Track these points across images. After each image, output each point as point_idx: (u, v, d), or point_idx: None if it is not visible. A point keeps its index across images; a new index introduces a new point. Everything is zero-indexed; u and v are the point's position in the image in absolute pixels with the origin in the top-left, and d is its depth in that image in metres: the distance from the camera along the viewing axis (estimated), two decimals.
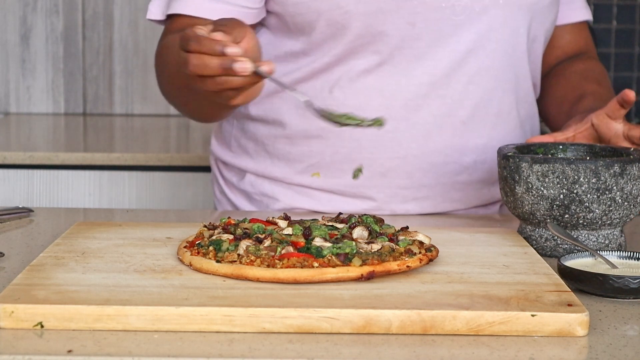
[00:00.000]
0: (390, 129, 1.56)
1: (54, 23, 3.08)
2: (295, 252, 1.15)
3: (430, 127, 1.57)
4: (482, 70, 1.57)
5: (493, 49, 1.57)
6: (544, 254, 1.37)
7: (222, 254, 1.16)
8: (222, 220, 1.29)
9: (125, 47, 3.12)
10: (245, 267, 1.13)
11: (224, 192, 1.74)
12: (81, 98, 3.13)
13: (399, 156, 1.58)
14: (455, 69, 1.56)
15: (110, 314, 1.02)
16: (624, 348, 1.01)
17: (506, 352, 0.99)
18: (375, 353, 0.98)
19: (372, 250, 1.16)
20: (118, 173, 2.48)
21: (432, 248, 1.22)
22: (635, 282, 1.14)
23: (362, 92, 1.56)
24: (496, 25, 1.56)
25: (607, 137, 1.48)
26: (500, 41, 1.58)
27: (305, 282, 1.11)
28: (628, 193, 1.33)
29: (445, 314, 1.03)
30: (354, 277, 1.13)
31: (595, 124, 1.49)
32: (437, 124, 1.57)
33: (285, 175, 1.64)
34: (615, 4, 3.21)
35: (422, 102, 1.56)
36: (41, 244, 1.38)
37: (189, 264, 1.17)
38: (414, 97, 1.56)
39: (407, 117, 1.56)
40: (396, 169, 1.58)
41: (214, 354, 0.97)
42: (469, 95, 1.58)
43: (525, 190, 1.35)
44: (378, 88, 1.56)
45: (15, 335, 1.00)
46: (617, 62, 3.24)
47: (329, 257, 1.14)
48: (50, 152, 2.45)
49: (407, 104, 1.56)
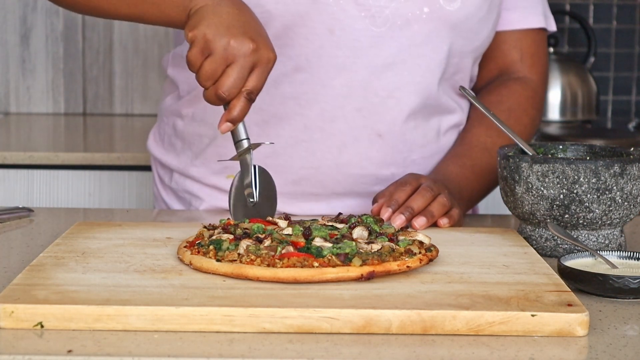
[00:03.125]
0: (306, 138, 1.55)
1: (54, 23, 3.08)
2: (295, 252, 1.15)
3: (346, 139, 1.55)
4: (402, 85, 1.54)
5: (414, 64, 1.54)
6: (544, 254, 1.37)
7: (222, 253, 1.17)
8: (222, 221, 1.29)
9: (125, 47, 3.12)
10: (245, 266, 1.13)
11: (159, 191, 1.75)
12: (81, 98, 3.13)
13: (313, 166, 1.56)
14: (373, 82, 1.53)
15: (110, 314, 1.02)
16: (624, 348, 1.01)
17: (506, 352, 0.99)
18: (375, 353, 0.98)
19: (372, 251, 1.16)
20: (118, 173, 2.48)
21: (432, 248, 1.22)
22: (635, 282, 1.14)
23: (278, 98, 1.54)
24: (418, 41, 1.53)
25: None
26: (422, 57, 1.54)
27: (305, 282, 1.11)
28: (628, 193, 1.33)
29: (445, 314, 1.03)
30: (354, 277, 1.13)
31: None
32: (353, 135, 1.55)
33: (203, 175, 1.64)
34: (615, 4, 3.21)
35: (338, 113, 1.54)
36: (41, 244, 1.38)
37: (189, 263, 1.17)
38: (330, 108, 1.54)
39: (322, 128, 1.54)
40: (309, 178, 1.57)
41: (214, 354, 0.97)
42: (387, 109, 1.55)
43: (525, 190, 1.35)
44: (294, 95, 1.54)
45: (15, 335, 1.00)
46: (617, 62, 3.24)
47: (329, 257, 1.14)
48: (50, 152, 2.45)
49: (323, 114, 1.54)
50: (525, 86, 1.67)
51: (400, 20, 1.52)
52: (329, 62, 1.52)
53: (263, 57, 1.31)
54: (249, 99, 1.31)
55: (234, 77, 1.29)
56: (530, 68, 1.68)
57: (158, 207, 1.75)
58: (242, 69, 1.29)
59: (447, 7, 1.53)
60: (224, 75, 1.30)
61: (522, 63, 1.68)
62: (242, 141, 1.35)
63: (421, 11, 1.52)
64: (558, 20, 3.15)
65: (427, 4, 1.52)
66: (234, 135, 1.35)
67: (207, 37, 1.29)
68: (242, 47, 1.29)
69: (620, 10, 3.22)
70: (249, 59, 1.30)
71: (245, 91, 1.30)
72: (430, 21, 1.52)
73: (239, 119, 1.32)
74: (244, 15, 1.34)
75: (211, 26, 1.30)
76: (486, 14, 1.58)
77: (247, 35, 1.30)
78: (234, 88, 1.30)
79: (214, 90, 1.30)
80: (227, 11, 1.32)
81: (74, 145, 2.70)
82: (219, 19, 1.31)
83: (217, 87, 1.30)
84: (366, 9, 1.51)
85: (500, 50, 1.67)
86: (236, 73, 1.29)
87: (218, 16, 1.31)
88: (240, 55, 1.29)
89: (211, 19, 1.31)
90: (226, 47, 1.29)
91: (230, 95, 1.30)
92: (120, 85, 3.14)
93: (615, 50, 3.24)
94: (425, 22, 1.52)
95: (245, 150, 1.35)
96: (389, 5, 1.51)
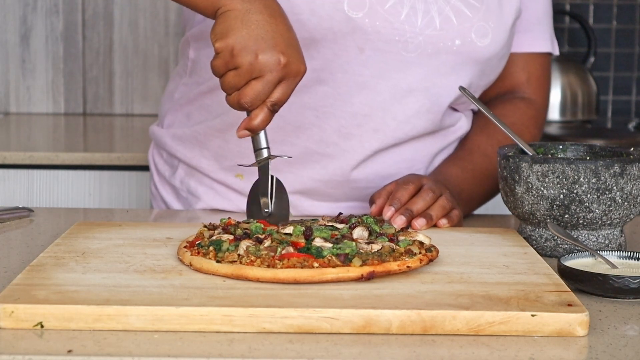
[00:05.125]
0: (320, 150, 1.55)
1: (54, 23, 3.08)
2: (295, 253, 1.15)
3: (359, 158, 1.55)
4: (420, 112, 1.55)
5: (435, 92, 1.55)
6: (544, 254, 1.37)
7: (222, 254, 1.16)
8: (222, 220, 1.29)
9: (125, 47, 3.12)
10: (245, 267, 1.13)
11: (157, 188, 1.73)
12: (81, 98, 3.13)
13: (323, 179, 1.57)
14: (394, 105, 1.54)
15: (110, 314, 1.02)
16: (624, 348, 1.01)
17: (506, 352, 0.99)
18: (375, 353, 0.98)
19: (372, 251, 1.16)
20: (118, 173, 2.48)
21: (432, 248, 1.22)
22: (635, 282, 1.14)
23: (296, 107, 1.53)
24: (443, 71, 1.54)
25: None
26: (443, 87, 1.55)
27: (305, 282, 1.11)
28: (628, 193, 1.33)
29: (445, 314, 1.03)
30: (354, 278, 1.13)
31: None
32: (367, 155, 1.56)
33: (211, 169, 1.62)
34: (615, 4, 3.21)
35: (355, 131, 1.54)
36: (41, 244, 1.38)
37: (189, 264, 1.17)
38: (347, 125, 1.54)
39: (337, 143, 1.54)
40: (317, 189, 1.58)
41: (214, 354, 0.97)
42: (402, 133, 1.56)
43: (525, 190, 1.35)
44: (313, 107, 1.53)
45: (15, 335, 1.00)
46: (617, 62, 3.24)
47: (329, 258, 1.14)
48: (50, 152, 2.45)
49: (340, 130, 1.54)
50: (529, 105, 1.69)
51: (431, 49, 1.52)
52: (353, 79, 1.52)
53: (292, 70, 1.26)
54: (273, 110, 1.27)
55: (258, 90, 1.25)
56: (535, 90, 1.71)
57: (156, 206, 1.75)
58: (268, 83, 1.25)
59: (478, 42, 1.55)
60: (248, 86, 1.25)
61: (529, 85, 1.70)
62: (262, 150, 1.32)
63: (453, 42, 1.53)
64: (558, 20, 3.15)
65: (459, 36, 1.53)
66: (254, 142, 1.32)
67: (234, 52, 1.24)
68: (269, 61, 1.24)
69: (620, 10, 3.21)
70: (277, 74, 1.25)
71: (269, 102, 1.27)
72: (459, 54, 1.54)
73: (258, 129, 1.29)
74: (276, 23, 1.27)
75: (238, 38, 1.24)
76: (506, 51, 1.61)
77: (277, 48, 1.25)
78: (257, 100, 1.26)
79: (237, 99, 1.27)
80: (257, 20, 1.26)
81: (74, 145, 2.70)
82: (247, 30, 1.25)
83: (240, 96, 1.26)
84: (401, 33, 1.51)
85: (508, 71, 1.69)
86: (261, 86, 1.25)
87: (247, 27, 1.25)
88: (267, 70, 1.24)
89: (239, 30, 1.25)
90: (253, 62, 1.24)
91: (252, 106, 1.26)
92: (120, 85, 3.14)
93: (615, 50, 3.24)
94: (454, 54, 1.54)
95: (264, 160, 1.33)
96: (424, 32, 1.52)
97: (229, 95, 1.28)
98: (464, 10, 1.54)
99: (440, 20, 1.53)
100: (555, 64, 2.97)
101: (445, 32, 1.53)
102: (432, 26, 1.52)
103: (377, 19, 1.49)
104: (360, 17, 1.49)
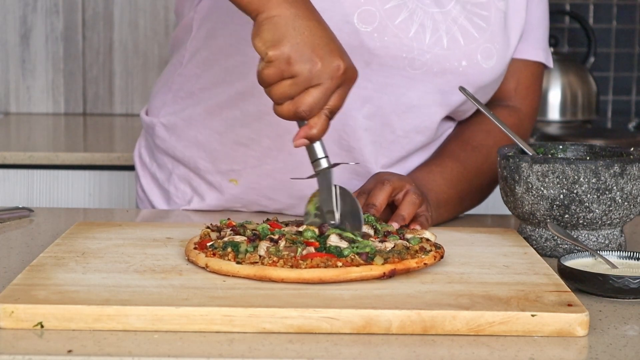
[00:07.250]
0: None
1: (54, 23, 3.08)
2: (317, 253, 1.15)
3: (360, 170, 1.55)
4: (420, 128, 1.55)
5: (434, 110, 1.55)
6: (544, 254, 1.37)
7: (242, 255, 1.16)
8: (222, 221, 1.29)
9: (125, 47, 3.12)
10: (268, 268, 1.13)
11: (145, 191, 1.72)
12: (81, 98, 3.13)
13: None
14: (394, 120, 1.54)
15: (110, 314, 1.02)
16: (624, 348, 1.01)
17: (506, 352, 0.99)
18: (375, 353, 0.98)
19: (387, 249, 1.17)
20: (118, 173, 2.48)
21: (439, 245, 1.23)
22: (635, 282, 1.14)
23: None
24: (446, 89, 1.54)
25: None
26: (444, 105, 1.55)
27: (330, 282, 1.11)
28: (628, 193, 1.33)
29: (445, 314, 1.03)
30: (377, 276, 1.13)
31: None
32: (365, 167, 1.55)
33: (208, 169, 1.61)
34: (615, 4, 3.21)
35: (355, 144, 1.54)
36: (41, 244, 1.38)
37: (205, 265, 1.16)
38: (349, 139, 1.53)
39: (339, 154, 1.54)
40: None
41: (214, 354, 0.97)
42: (399, 147, 1.56)
43: (525, 190, 1.35)
44: None
45: (15, 335, 1.00)
46: (617, 62, 3.24)
47: (352, 257, 1.14)
48: (50, 152, 2.45)
49: (341, 142, 1.54)
50: (512, 113, 1.66)
51: (437, 68, 1.52)
52: (356, 92, 1.47)
53: (350, 76, 1.22)
54: (330, 117, 1.23)
55: (317, 98, 1.19)
56: (522, 99, 1.68)
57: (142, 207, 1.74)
58: (327, 90, 1.20)
59: (483, 64, 1.54)
60: (306, 94, 1.19)
61: (516, 93, 1.68)
62: (321, 160, 1.25)
63: (459, 63, 1.53)
64: (558, 20, 3.15)
65: (465, 57, 1.53)
66: (311, 153, 1.25)
67: (291, 60, 1.18)
68: (329, 69, 1.19)
69: (620, 10, 3.21)
70: (336, 81, 1.20)
71: (326, 109, 1.21)
72: (464, 74, 1.53)
73: (317, 137, 1.23)
74: (325, 29, 1.22)
75: (294, 46, 1.18)
76: (503, 73, 1.60)
77: (334, 53, 1.20)
78: (316, 109, 1.20)
79: (293, 108, 1.19)
80: (308, 25, 1.20)
81: (74, 145, 2.70)
82: (301, 37, 1.19)
83: (297, 105, 1.19)
84: (409, 50, 1.50)
85: None
86: (320, 94, 1.20)
87: (300, 33, 1.19)
88: (327, 78, 1.19)
89: (293, 38, 1.18)
90: (311, 69, 1.18)
91: (310, 115, 1.20)
92: (120, 85, 3.14)
93: (615, 50, 3.24)
94: (459, 74, 1.53)
95: (325, 170, 1.26)
96: (431, 50, 1.51)
97: (279, 105, 1.21)
98: (471, 31, 1.54)
99: (448, 39, 1.52)
100: (555, 64, 2.97)
101: (451, 52, 1.52)
102: (440, 45, 1.51)
103: (386, 34, 1.48)
104: (369, 31, 1.48)
